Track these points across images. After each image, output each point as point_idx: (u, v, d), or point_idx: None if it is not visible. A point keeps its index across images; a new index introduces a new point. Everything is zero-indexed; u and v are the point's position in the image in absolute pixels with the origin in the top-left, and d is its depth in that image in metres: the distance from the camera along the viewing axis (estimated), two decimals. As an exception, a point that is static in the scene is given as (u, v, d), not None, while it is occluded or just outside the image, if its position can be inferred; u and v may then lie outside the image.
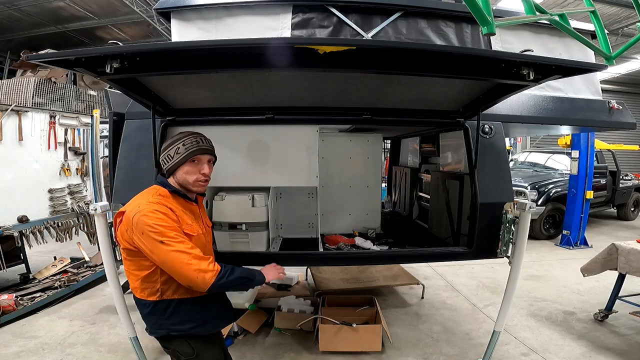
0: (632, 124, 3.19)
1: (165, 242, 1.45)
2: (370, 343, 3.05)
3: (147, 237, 1.46)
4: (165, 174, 1.69)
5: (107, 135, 2.73)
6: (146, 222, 1.46)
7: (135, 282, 1.62)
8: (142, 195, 1.63)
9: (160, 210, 1.51)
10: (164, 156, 1.68)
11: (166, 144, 1.70)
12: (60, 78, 5.59)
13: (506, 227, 2.55)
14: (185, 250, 1.47)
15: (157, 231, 1.46)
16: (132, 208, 1.52)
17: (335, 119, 2.80)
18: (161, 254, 1.46)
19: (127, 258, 1.60)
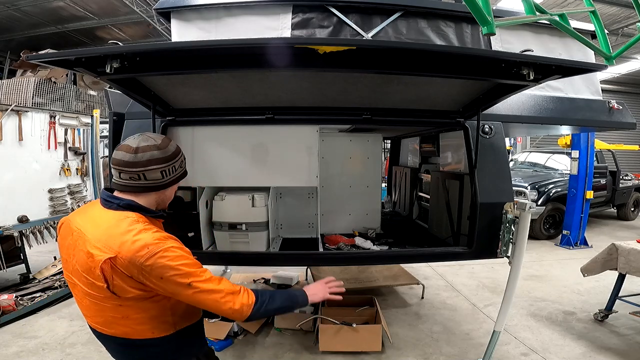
0: (632, 124, 3.19)
1: (193, 284, 1.22)
2: (370, 343, 3.05)
3: (170, 282, 1.20)
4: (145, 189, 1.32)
5: (107, 135, 2.73)
6: (166, 265, 1.18)
7: (133, 324, 1.29)
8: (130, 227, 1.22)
9: (175, 246, 1.24)
10: (166, 168, 1.34)
11: (167, 153, 1.34)
12: (60, 78, 5.60)
13: (506, 227, 2.55)
14: (215, 288, 1.26)
15: (182, 273, 1.20)
16: (139, 249, 1.17)
17: (335, 119, 2.80)
18: (189, 298, 1.24)
19: (128, 305, 1.25)
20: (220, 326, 3.18)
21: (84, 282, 1.26)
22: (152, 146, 1.31)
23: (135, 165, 1.28)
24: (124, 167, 1.28)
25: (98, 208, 1.33)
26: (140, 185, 1.31)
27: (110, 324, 1.30)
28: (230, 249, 2.95)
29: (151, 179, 1.31)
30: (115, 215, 1.27)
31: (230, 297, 1.28)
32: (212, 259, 3.17)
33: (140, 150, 1.29)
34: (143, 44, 3.60)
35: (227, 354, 3.03)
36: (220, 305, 1.27)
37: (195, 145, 2.73)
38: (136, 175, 1.29)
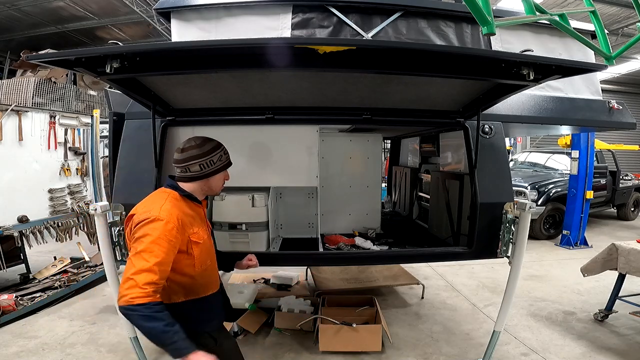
0: (632, 124, 3.19)
1: (139, 253, 1.40)
2: (370, 343, 3.05)
3: (135, 242, 1.44)
4: (195, 178, 1.66)
5: (107, 135, 2.73)
6: (144, 230, 1.44)
7: None
8: (153, 198, 1.60)
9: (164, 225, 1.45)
10: (204, 161, 1.65)
11: (204, 150, 1.66)
12: (60, 78, 5.59)
13: (506, 227, 2.55)
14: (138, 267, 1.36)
15: (141, 242, 1.41)
16: (142, 211, 1.50)
17: (335, 119, 2.80)
18: (129, 262, 1.41)
19: None
20: (220, 326, 3.18)
21: None
22: (193, 146, 1.67)
23: (181, 161, 1.65)
24: (176, 163, 1.67)
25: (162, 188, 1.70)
26: (188, 176, 1.66)
27: None
28: (230, 249, 2.95)
29: (194, 171, 1.65)
30: (160, 189, 1.69)
31: (132, 282, 1.35)
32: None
33: (184, 150, 1.67)
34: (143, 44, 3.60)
35: (227, 354, 3.03)
36: (123, 277, 1.38)
37: (195, 145, 2.73)
38: (184, 169, 1.66)
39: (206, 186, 1.71)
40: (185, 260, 1.57)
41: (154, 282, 1.38)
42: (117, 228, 2.46)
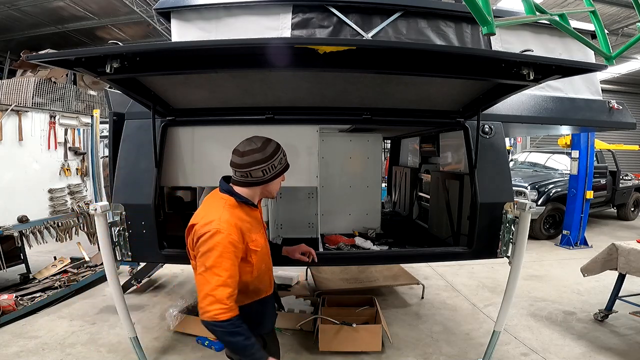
0: (632, 124, 3.19)
1: (210, 269, 1.43)
2: (370, 343, 3.05)
3: (201, 257, 1.46)
4: (253, 184, 1.62)
5: (107, 135, 2.73)
6: (209, 244, 1.44)
7: None
8: (211, 206, 1.58)
9: (228, 237, 1.46)
10: (267, 166, 1.60)
11: (266, 154, 1.60)
12: (60, 78, 5.59)
13: (506, 227, 2.55)
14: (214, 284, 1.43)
15: (209, 257, 1.43)
16: (204, 223, 1.48)
17: (335, 119, 2.80)
18: (197, 276, 1.47)
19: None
20: (220, 326, 3.18)
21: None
22: (254, 149, 1.60)
23: (243, 166, 1.59)
24: (236, 167, 1.62)
25: (216, 192, 1.68)
26: (248, 182, 1.62)
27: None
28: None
29: (256, 176, 1.60)
30: (218, 196, 1.63)
31: (211, 299, 1.42)
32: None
33: (245, 154, 1.59)
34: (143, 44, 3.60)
35: (227, 354, 3.04)
36: (200, 297, 1.45)
37: (195, 145, 2.73)
38: (245, 174, 1.60)
39: (266, 190, 1.68)
40: (245, 267, 1.57)
41: (231, 295, 1.44)
42: (117, 228, 2.46)
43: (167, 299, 4.15)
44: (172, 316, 3.30)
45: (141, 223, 2.47)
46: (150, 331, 3.38)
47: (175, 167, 2.72)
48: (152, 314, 3.76)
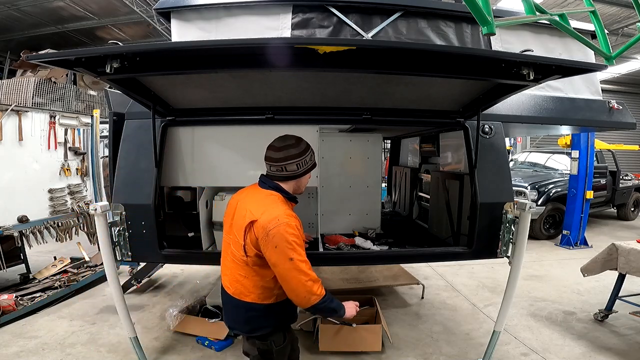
0: (632, 124, 3.19)
1: (294, 260, 1.55)
2: (370, 343, 3.05)
3: (278, 251, 1.54)
4: (288, 178, 1.75)
5: (107, 135, 2.73)
6: (284, 237, 1.54)
7: (251, 288, 1.69)
8: (269, 202, 1.67)
9: (296, 226, 1.60)
10: (299, 161, 1.74)
11: (301, 148, 1.76)
12: (60, 78, 5.59)
13: (506, 227, 2.55)
14: (306, 270, 1.57)
15: (291, 247, 1.54)
16: (272, 218, 1.56)
17: (335, 119, 2.80)
18: (285, 270, 1.56)
19: (250, 264, 1.66)
20: (220, 326, 3.18)
21: (234, 241, 1.70)
22: (290, 145, 1.75)
23: (279, 160, 1.73)
24: (272, 162, 1.75)
25: (255, 187, 1.82)
26: (283, 176, 1.75)
27: (234, 282, 1.73)
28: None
29: (291, 170, 1.74)
30: (266, 192, 1.74)
31: (311, 283, 1.58)
32: (212, 259, 3.16)
33: (282, 149, 1.74)
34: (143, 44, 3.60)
35: (227, 354, 3.04)
36: (300, 286, 1.57)
37: (195, 145, 2.73)
38: (280, 167, 1.73)
39: (297, 185, 1.80)
40: None
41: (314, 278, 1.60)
42: (117, 228, 2.46)
43: (167, 299, 4.15)
44: (172, 316, 3.30)
45: (141, 223, 2.47)
46: (150, 331, 3.38)
47: (175, 167, 2.72)
48: (152, 314, 3.76)
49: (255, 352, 1.79)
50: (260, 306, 1.71)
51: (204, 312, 3.42)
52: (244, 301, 1.71)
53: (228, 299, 1.78)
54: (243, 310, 1.73)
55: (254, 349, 1.79)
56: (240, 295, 1.71)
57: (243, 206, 1.72)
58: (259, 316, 1.73)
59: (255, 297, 1.70)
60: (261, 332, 1.76)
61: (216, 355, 3.02)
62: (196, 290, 4.36)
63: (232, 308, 1.79)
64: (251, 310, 1.72)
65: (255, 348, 1.79)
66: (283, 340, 1.81)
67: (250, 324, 1.76)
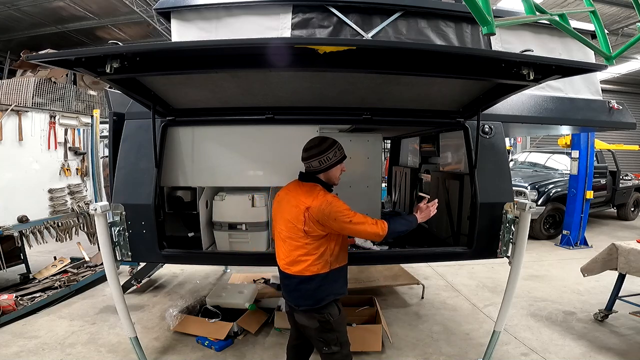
0: (632, 124, 3.19)
1: (353, 221, 1.97)
2: (370, 343, 3.04)
3: (339, 221, 1.95)
4: (317, 172, 2.11)
5: (107, 135, 2.73)
6: (337, 210, 1.95)
7: (309, 262, 2.02)
8: (316, 192, 2.04)
9: (340, 202, 2.02)
10: (323, 157, 2.09)
11: (322, 148, 2.09)
12: (60, 78, 5.59)
13: (506, 227, 2.55)
14: (364, 221, 1.99)
15: (345, 215, 1.96)
16: (321, 202, 1.97)
17: (335, 119, 2.80)
18: (351, 230, 2.00)
19: (310, 243, 2.00)
20: (220, 326, 3.18)
21: (289, 227, 2.04)
22: (312, 146, 2.11)
23: (305, 159, 2.13)
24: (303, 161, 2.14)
25: (297, 183, 2.17)
26: (312, 170, 2.12)
27: (295, 263, 2.04)
28: (230, 249, 2.95)
29: (314, 166, 2.10)
30: (309, 185, 2.11)
31: (373, 226, 2.00)
32: (212, 259, 3.17)
33: (306, 150, 2.12)
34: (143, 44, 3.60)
35: (227, 353, 3.04)
36: (367, 233, 2.01)
37: (195, 145, 2.73)
38: (308, 165, 2.12)
39: (326, 177, 2.15)
40: (337, 237, 2.09)
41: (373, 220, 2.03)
42: (117, 228, 2.46)
43: (167, 299, 4.15)
44: (172, 316, 3.30)
45: (141, 223, 2.47)
46: (150, 331, 3.38)
47: (175, 167, 2.72)
48: (152, 314, 3.76)
49: (315, 325, 2.07)
50: (320, 275, 2.03)
51: (204, 312, 3.43)
52: (307, 275, 2.02)
53: (291, 280, 2.08)
54: (306, 284, 2.04)
55: (314, 321, 2.07)
56: (304, 271, 2.02)
57: (291, 199, 2.07)
58: (320, 286, 2.04)
59: (315, 270, 2.02)
60: (320, 304, 2.05)
61: (216, 355, 3.02)
62: (196, 290, 4.36)
63: (295, 286, 2.07)
64: (312, 282, 2.03)
65: (316, 320, 2.07)
66: (338, 311, 2.12)
67: (313, 297, 2.05)
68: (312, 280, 2.03)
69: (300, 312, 2.11)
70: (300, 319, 2.13)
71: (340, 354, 2.12)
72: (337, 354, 2.11)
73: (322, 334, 2.09)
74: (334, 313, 2.09)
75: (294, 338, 2.40)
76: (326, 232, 2.01)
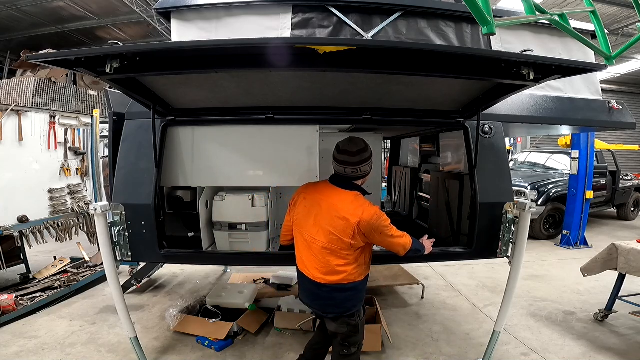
0: (632, 124, 3.19)
1: (393, 236, 2.02)
2: (370, 343, 3.04)
3: (383, 235, 1.99)
4: (359, 178, 2.09)
5: (107, 135, 2.73)
6: (383, 225, 1.97)
7: (348, 272, 2.02)
8: (361, 201, 2.02)
9: (384, 215, 2.00)
10: (369, 163, 2.09)
11: (368, 154, 2.08)
12: (60, 78, 5.59)
13: (506, 227, 2.55)
14: (400, 237, 2.06)
15: (388, 229, 2.00)
16: (372, 216, 1.95)
17: (335, 119, 2.80)
18: (389, 243, 2.04)
19: (352, 254, 2.01)
20: (220, 326, 3.18)
21: (329, 238, 1.99)
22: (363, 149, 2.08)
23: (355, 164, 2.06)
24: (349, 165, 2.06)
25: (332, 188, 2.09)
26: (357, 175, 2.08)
27: (333, 273, 2.02)
28: (230, 249, 2.95)
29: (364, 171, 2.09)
30: (352, 193, 2.04)
31: (404, 241, 2.07)
32: (212, 259, 3.17)
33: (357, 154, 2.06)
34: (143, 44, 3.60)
35: (227, 353, 3.04)
36: (399, 247, 2.06)
37: (195, 145, 2.73)
38: (356, 169, 2.06)
39: (364, 182, 2.14)
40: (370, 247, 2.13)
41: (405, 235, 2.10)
42: (117, 228, 2.46)
43: (167, 299, 4.15)
44: (172, 316, 3.30)
45: (141, 223, 2.47)
46: (150, 331, 3.38)
47: (175, 167, 2.72)
48: (152, 314, 3.76)
49: (345, 329, 2.09)
50: (356, 283, 2.06)
51: (204, 312, 3.43)
52: (343, 284, 2.03)
53: (322, 288, 2.05)
54: (342, 292, 2.04)
55: (344, 326, 2.09)
56: (342, 280, 2.02)
57: (334, 209, 2.00)
58: (355, 294, 2.07)
59: (353, 278, 2.04)
60: (356, 309, 2.10)
61: (216, 355, 3.02)
62: (196, 290, 4.36)
63: (328, 295, 2.06)
64: (349, 291, 2.05)
65: (346, 325, 2.09)
66: (364, 312, 2.20)
67: (346, 305, 2.07)
68: (348, 288, 2.05)
69: (329, 319, 2.13)
70: (331, 325, 2.14)
71: (356, 355, 2.17)
72: (354, 354, 2.16)
73: (348, 338, 2.13)
74: (361, 314, 2.16)
75: (315, 342, 2.45)
76: (365, 243, 2.03)
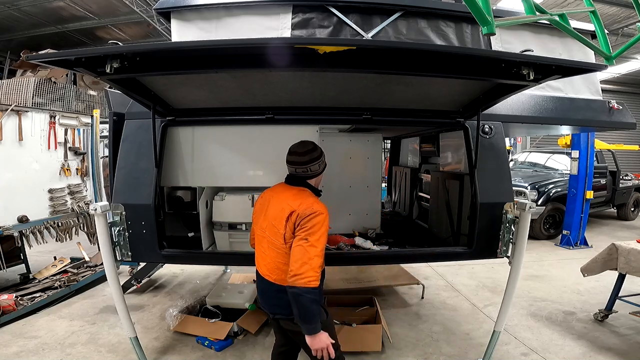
0: (632, 124, 3.19)
1: (308, 240, 1.74)
2: (370, 343, 3.04)
3: (302, 231, 1.77)
4: (310, 177, 2.01)
5: (107, 135, 2.73)
6: (313, 222, 1.77)
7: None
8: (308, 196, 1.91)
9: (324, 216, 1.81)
10: (318, 163, 2.01)
11: (317, 154, 2.01)
12: (60, 78, 5.58)
13: (506, 227, 2.55)
14: (318, 254, 1.73)
15: (312, 232, 1.75)
16: (305, 206, 1.81)
17: (335, 119, 2.80)
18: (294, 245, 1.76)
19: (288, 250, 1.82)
20: (220, 326, 3.18)
21: (272, 231, 1.90)
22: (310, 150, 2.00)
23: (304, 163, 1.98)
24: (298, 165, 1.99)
25: (284, 186, 2.04)
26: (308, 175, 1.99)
27: (274, 270, 1.90)
28: (230, 249, 2.95)
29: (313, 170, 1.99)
30: (298, 188, 1.97)
31: (307, 267, 1.69)
32: (212, 259, 3.17)
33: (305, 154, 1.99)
34: (143, 44, 3.60)
35: (227, 353, 3.04)
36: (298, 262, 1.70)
37: (195, 145, 2.73)
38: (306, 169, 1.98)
39: (316, 182, 2.06)
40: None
41: (321, 265, 1.75)
42: (117, 228, 2.46)
43: (167, 299, 4.15)
44: (172, 316, 3.30)
45: (141, 223, 2.47)
46: (150, 331, 3.38)
47: (175, 167, 2.72)
48: (152, 314, 3.76)
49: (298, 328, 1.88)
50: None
51: (204, 312, 3.43)
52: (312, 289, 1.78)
53: (269, 286, 1.95)
54: (286, 294, 1.82)
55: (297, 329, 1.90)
56: (283, 281, 1.83)
57: (278, 202, 1.92)
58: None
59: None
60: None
61: (216, 355, 3.02)
62: (196, 290, 4.36)
63: (274, 294, 1.94)
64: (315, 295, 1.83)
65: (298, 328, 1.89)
66: (326, 314, 1.97)
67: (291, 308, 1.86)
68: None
69: (275, 320, 2.01)
70: (287, 324, 1.98)
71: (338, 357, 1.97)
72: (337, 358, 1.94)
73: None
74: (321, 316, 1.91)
75: (279, 345, 2.27)
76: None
